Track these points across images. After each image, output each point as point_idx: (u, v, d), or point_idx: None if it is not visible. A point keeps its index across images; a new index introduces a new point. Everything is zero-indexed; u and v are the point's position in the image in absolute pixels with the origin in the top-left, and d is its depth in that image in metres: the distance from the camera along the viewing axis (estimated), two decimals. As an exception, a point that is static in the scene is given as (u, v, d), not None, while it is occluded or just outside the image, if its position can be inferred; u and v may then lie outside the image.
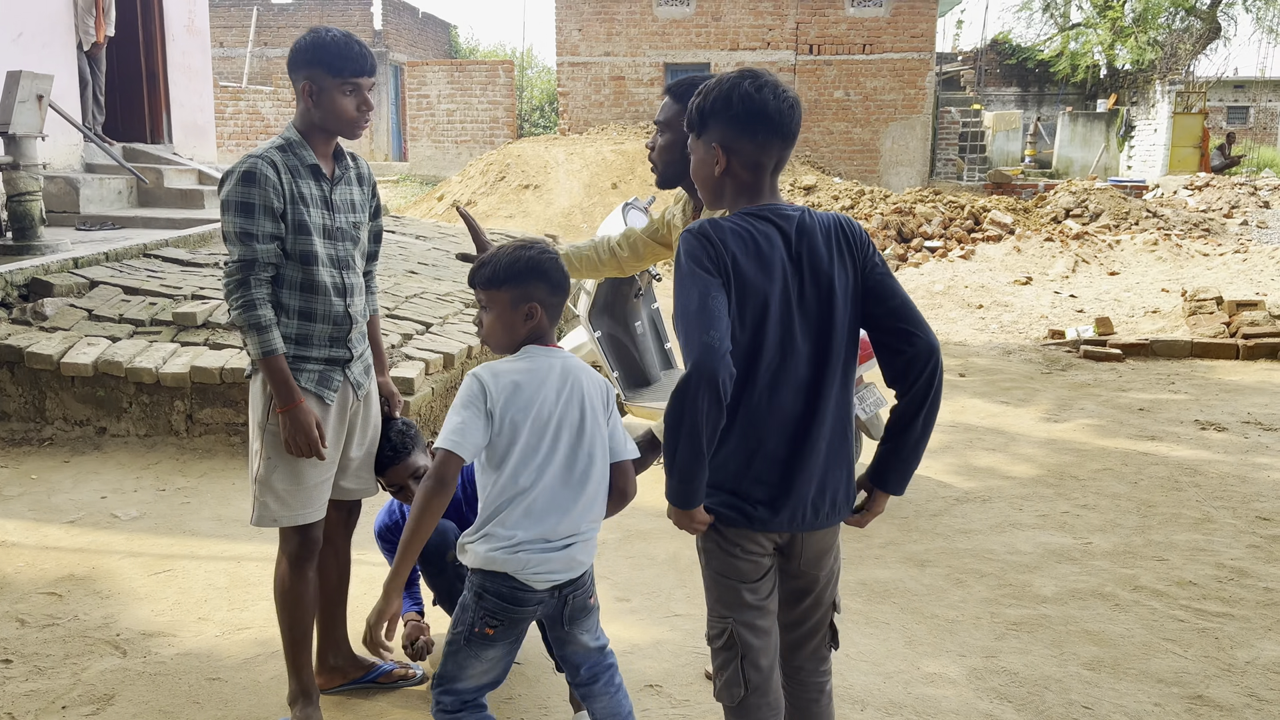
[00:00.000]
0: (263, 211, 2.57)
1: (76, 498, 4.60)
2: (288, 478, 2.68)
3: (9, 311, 5.63)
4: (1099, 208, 14.65)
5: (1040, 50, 27.34)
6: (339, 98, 2.62)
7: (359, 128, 2.71)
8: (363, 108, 2.67)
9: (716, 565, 2.13)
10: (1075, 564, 4.08)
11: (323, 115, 2.64)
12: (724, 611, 2.13)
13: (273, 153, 2.63)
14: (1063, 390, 7.05)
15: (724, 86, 2.03)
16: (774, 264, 1.98)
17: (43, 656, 3.19)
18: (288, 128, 2.72)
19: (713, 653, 2.17)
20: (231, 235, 2.59)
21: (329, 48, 2.59)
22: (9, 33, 8.31)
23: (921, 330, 2.04)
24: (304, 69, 2.62)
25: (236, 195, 2.57)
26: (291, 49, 2.67)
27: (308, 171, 2.67)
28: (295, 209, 2.63)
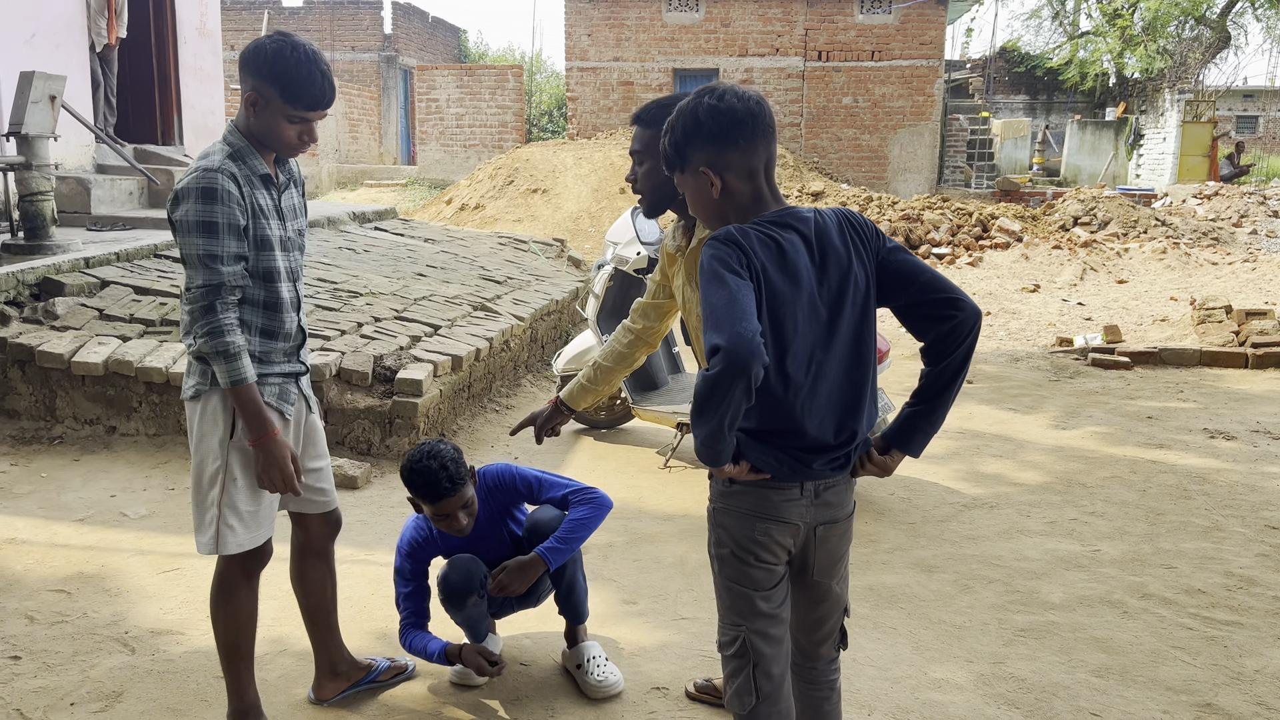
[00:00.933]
0: (228, 230, 2.38)
1: (86, 496, 4.62)
2: (250, 498, 2.56)
3: (20, 310, 5.66)
4: (1107, 216, 14.63)
5: (1049, 58, 27.28)
6: (283, 123, 2.45)
7: (295, 154, 2.55)
8: (304, 137, 2.50)
9: (730, 573, 2.13)
10: (1083, 571, 4.07)
11: (261, 132, 2.47)
12: (736, 619, 2.12)
13: (228, 164, 2.42)
14: (1071, 398, 7.03)
15: (687, 113, 2.02)
16: (800, 272, 1.97)
17: (51, 653, 3.20)
18: (230, 130, 2.51)
19: (723, 660, 2.16)
20: (193, 259, 2.38)
21: (290, 71, 2.39)
22: (22, 34, 8.36)
23: (962, 296, 2.05)
24: (254, 79, 2.42)
25: (196, 214, 2.36)
26: (250, 49, 2.44)
27: (259, 181, 2.50)
28: (257, 223, 2.47)
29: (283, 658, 3.22)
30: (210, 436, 2.51)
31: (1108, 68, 26.57)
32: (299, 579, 2.91)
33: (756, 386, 1.83)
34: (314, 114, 2.47)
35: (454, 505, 2.81)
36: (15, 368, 5.33)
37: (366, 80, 27.27)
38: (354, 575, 3.85)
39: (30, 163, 6.44)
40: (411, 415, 5.23)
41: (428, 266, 8.38)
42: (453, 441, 5.54)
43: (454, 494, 2.79)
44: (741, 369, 1.79)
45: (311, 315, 6.08)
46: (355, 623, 3.44)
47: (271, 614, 3.45)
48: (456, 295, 7.34)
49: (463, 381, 5.92)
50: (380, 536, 4.29)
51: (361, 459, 5.17)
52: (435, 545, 3.03)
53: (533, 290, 8.27)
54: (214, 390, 2.49)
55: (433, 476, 2.76)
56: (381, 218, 10.72)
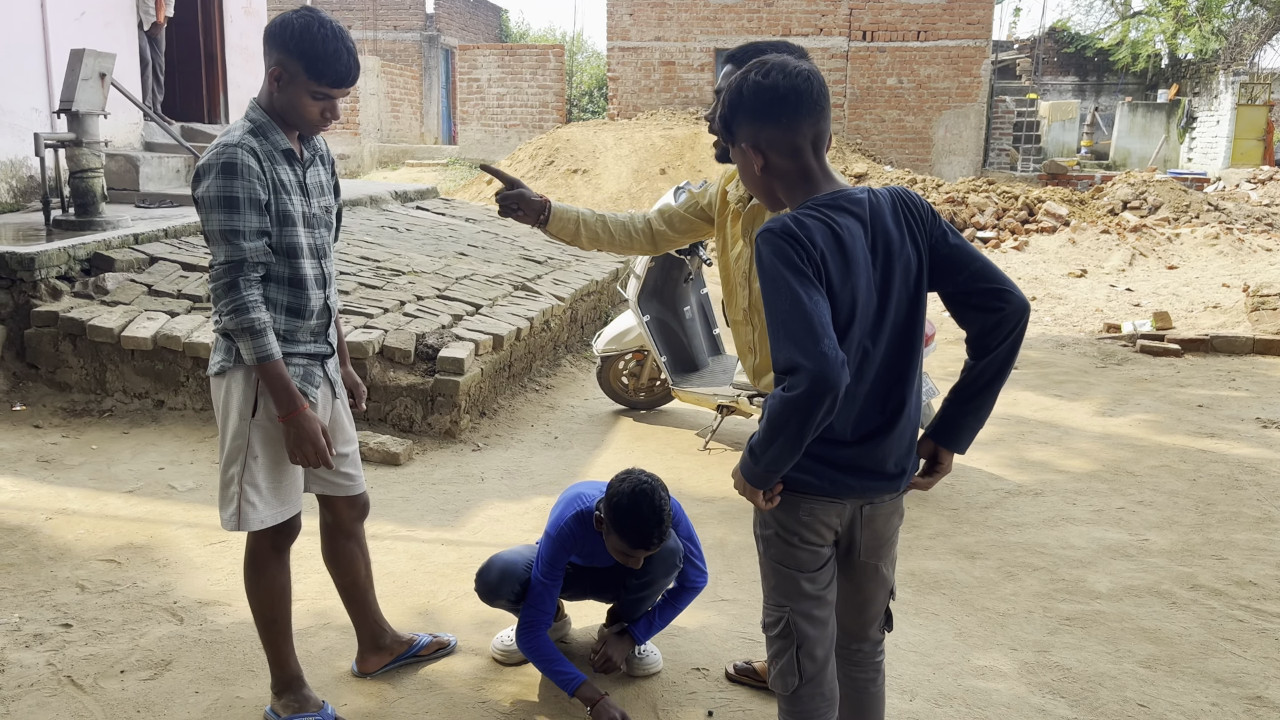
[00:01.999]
0: (248, 205, 2.38)
1: (135, 468, 4.70)
2: (272, 474, 2.56)
3: (72, 285, 5.75)
4: (1158, 200, 14.33)
5: (1100, 39, 26.73)
6: (306, 99, 2.43)
7: (316, 131, 2.53)
8: (327, 114, 2.47)
9: (775, 554, 2.11)
10: (1131, 560, 4.01)
11: (283, 107, 2.45)
12: (781, 600, 2.11)
13: (249, 139, 2.41)
14: (1118, 385, 6.91)
15: (734, 87, 1.98)
16: (858, 259, 1.92)
17: (102, 621, 3.27)
18: (252, 106, 2.50)
19: (768, 641, 2.15)
20: (215, 235, 2.38)
21: (316, 46, 2.37)
22: (72, 11, 8.47)
23: (1012, 287, 2.02)
24: (280, 52, 2.40)
25: (217, 190, 2.36)
26: (277, 23, 2.42)
27: (281, 156, 2.48)
28: (279, 199, 2.45)
29: (326, 631, 3.26)
30: (233, 412, 2.52)
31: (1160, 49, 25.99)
32: (331, 560, 2.93)
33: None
34: (337, 91, 2.45)
35: (647, 553, 2.74)
36: (67, 341, 5.43)
37: (408, 60, 27.35)
38: (396, 551, 3.88)
39: (81, 139, 6.53)
40: (453, 393, 5.26)
41: (469, 246, 8.41)
42: (492, 420, 5.59)
43: (654, 548, 2.72)
44: (828, 392, 1.77)
45: (355, 293, 6.12)
46: (397, 598, 3.47)
47: (315, 588, 3.49)
48: (497, 275, 7.35)
49: (503, 360, 5.93)
50: (422, 513, 4.32)
51: (404, 436, 5.21)
52: (578, 548, 2.93)
53: (573, 270, 8.27)
54: (238, 367, 2.50)
55: (646, 528, 2.65)
56: (423, 197, 10.77)
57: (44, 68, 8.20)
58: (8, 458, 4.69)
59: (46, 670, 2.96)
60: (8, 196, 8.00)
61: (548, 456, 5.20)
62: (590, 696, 2.76)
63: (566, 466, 5.03)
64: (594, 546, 2.91)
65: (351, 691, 2.92)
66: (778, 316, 1.83)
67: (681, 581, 3.06)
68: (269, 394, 2.47)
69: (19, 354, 5.51)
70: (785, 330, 1.82)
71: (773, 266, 1.86)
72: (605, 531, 2.76)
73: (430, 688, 2.95)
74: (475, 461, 5.04)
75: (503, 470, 4.93)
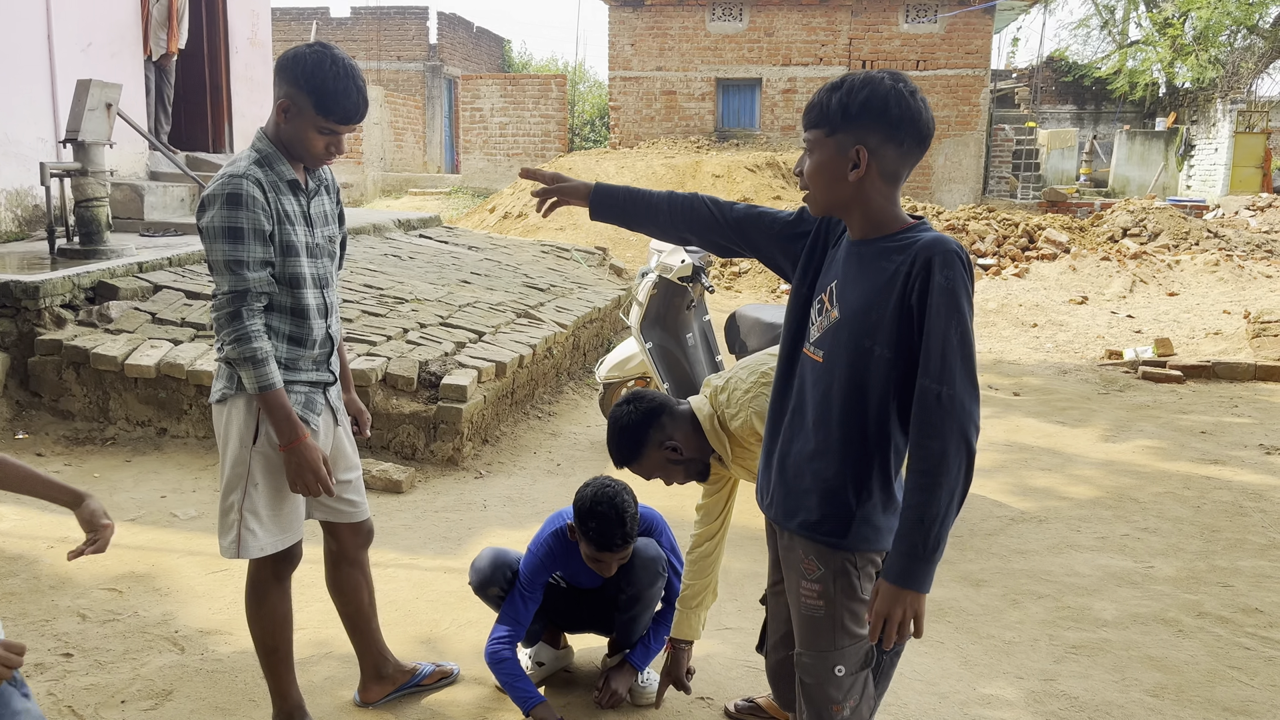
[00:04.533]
0: (253, 236, 2.39)
1: (137, 496, 4.69)
2: (272, 502, 2.56)
3: (76, 313, 5.77)
4: (1158, 227, 14.37)
5: (1097, 68, 26.91)
6: (312, 133, 2.44)
7: (320, 164, 2.55)
8: (332, 149, 2.49)
9: (856, 592, 2.08)
10: (1136, 588, 3.99)
11: (289, 138, 2.47)
12: (860, 630, 2.08)
13: (254, 169, 2.43)
14: (1121, 411, 6.91)
15: (877, 83, 1.91)
16: None
17: (103, 651, 3.25)
18: (259, 136, 2.52)
19: (848, 682, 2.08)
20: (219, 264, 2.40)
21: (326, 83, 2.39)
22: (79, 42, 8.55)
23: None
24: (289, 85, 2.42)
25: (222, 220, 2.38)
26: (289, 56, 2.43)
27: (287, 186, 2.50)
28: (283, 229, 2.47)
29: (328, 660, 3.24)
30: (233, 440, 2.53)
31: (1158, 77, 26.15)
32: (335, 587, 2.92)
33: None
34: (344, 128, 2.47)
35: (615, 556, 2.81)
36: (70, 369, 5.43)
37: (412, 89, 27.56)
38: (398, 580, 3.87)
39: (86, 169, 6.57)
40: (456, 420, 5.25)
41: (472, 273, 8.43)
42: (495, 447, 5.58)
43: (621, 550, 2.79)
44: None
45: (358, 320, 6.14)
46: (400, 627, 3.46)
47: (317, 617, 3.48)
48: (500, 302, 7.37)
49: (506, 388, 5.94)
50: (424, 541, 4.31)
51: (406, 463, 5.20)
52: (559, 565, 2.99)
53: (575, 298, 8.29)
54: (239, 394, 2.51)
55: (609, 528, 2.74)
56: (426, 225, 10.81)
57: (50, 98, 8.26)
58: (10, 486, 4.68)
59: (48, 700, 2.94)
60: (13, 225, 8.04)
61: (550, 484, 5.19)
62: (545, 718, 2.80)
63: (569, 493, 5.00)
64: (576, 565, 2.96)
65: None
66: (964, 350, 1.85)
67: (669, 597, 3.09)
68: (270, 422, 2.47)
69: (22, 382, 5.52)
70: (964, 366, 1.85)
71: (966, 297, 1.87)
72: (578, 539, 2.83)
73: (434, 717, 2.94)
74: (478, 489, 5.03)
75: (505, 498, 4.92)
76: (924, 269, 1.87)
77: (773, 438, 2.16)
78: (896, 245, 1.95)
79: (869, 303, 1.94)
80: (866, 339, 1.94)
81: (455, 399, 5.31)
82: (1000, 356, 8.93)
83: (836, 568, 2.04)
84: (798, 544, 2.09)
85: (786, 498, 2.09)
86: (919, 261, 1.88)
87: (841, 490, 2.01)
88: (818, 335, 2.05)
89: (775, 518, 2.14)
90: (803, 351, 2.10)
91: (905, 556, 1.86)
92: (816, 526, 2.04)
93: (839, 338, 1.99)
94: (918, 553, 1.84)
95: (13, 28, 7.91)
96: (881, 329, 1.93)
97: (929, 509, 1.83)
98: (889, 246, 1.96)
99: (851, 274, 2.00)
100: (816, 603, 2.06)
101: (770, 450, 2.16)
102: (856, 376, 1.97)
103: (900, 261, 1.92)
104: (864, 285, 1.96)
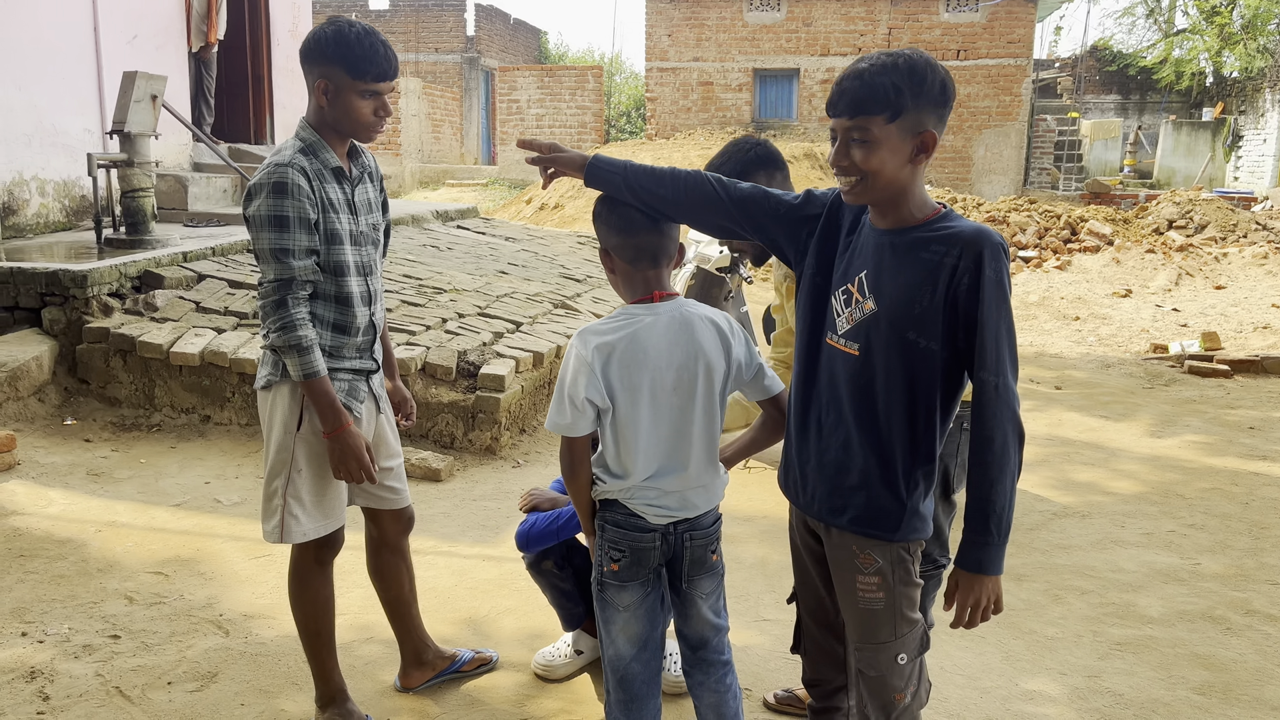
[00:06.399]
0: (298, 224, 2.41)
1: (182, 482, 4.76)
2: (315, 488, 2.59)
3: (122, 302, 5.86)
4: (1204, 219, 14.11)
5: (1143, 57, 26.44)
6: (356, 101, 2.45)
7: (374, 133, 2.54)
8: (380, 112, 2.49)
9: (912, 578, 2.08)
10: (1183, 585, 3.93)
11: (336, 117, 2.47)
12: (916, 615, 2.08)
13: (299, 158, 2.45)
14: (1166, 406, 6.80)
15: (924, 63, 1.86)
16: None
17: (149, 633, 3.30)
18: (302, 125, 2.53)
19: (909, 669, 2.07)
20: (265, 253, 2.42)
21: (351, 46, 2.40)
22: (124, 35, 8.67)
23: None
24: (320, 65, 2.44)
25: (268, 209, 2.40)
26: (309, 39, 2.45)
27: (331, 174, 2.51)
28: (327, 218, 2.48)
29: (369, 644, 3.27)
30: (278, 426, 2.56)
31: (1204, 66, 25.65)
32: (376, 573, 2.95)
33: None
34: (384, 85, 2.47)
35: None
36: (117, 357, 5.52)
37: (449, 81, 27.69)
38: (438, 567, 3.90)
39: (132, 160, 6.67)
40: (494, 410, 5.28)
41: (509, 264, 8.46)
42: (532, 437, 5.60)
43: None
44: None
45: (397, 310, 6.18)
46: (439, 613, 3.48)
47: (359, 602, 3.51)
48: (537, 293, 7.39)
49: (543, 377, 5.95)
50: (463, 529, 4.34)
51: (445, 452, 5.24)
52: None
53: (611, 288, 8.29)
54: (284, 381, 2.53)
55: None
56: (464, 216, 10.86)
57: (97, 90, 8.39)
58: (59, 471, 4.78)
59: (95, 681, 2.99)
60: (61, 215, 8.18)
61: (588, 474, 5.19)
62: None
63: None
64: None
65: (395, 706, 2.93)
66: (1010, 340, 1.88)
67: None
68: (314, 410, 2.49)
69: (71, 369, 5.62)
70: (1011, 354, 1.88)
71: (1008, 286, 1.90)
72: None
73: (473, 704, 2.95)
74: (516, 478, 5.05)
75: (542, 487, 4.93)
76: (974, 263, 1.85)
77: (802, 432, 2.11)
78: (934, 235, 1.91)
79: (910, 295, 1.90)
80: (910, 331, 1.91)
81: (493, 388, 5.34)
82: (1042, 350, 8.82)
83: (894, 558, 2.02)
84: (849, 540, 2.05)
85: (831, 495, 2.05)
86: (967, 254, 1.85)
87: (892, 484, 1.99)
88: (848, 327, 1.99)
89: (819, 515, 2.09)
90: (826, 342, 2.05)
91: (980, 546, 1.91)
92: (870, 522, 2.01)
93: (877, 330, 1.94)
94: (992, 540, 1.90)
95: (60, 21, 8.04)
96: (926, 321, 1.89)
97: (997, 497, 1.88)
98: (926, 236, 1.91)
99: (886, 264, 1.94)
100: (876, 595, 2.03)
101: (802, 446, 2.11)
102: (903, 370, 1.93)
103: (942, 253, 1.88)
104: (903, 277, 1.91)
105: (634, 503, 2.20)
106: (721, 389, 2.24)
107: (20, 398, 5.33)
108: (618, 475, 2.20)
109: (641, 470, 2.18)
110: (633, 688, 2.26)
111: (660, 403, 2.18)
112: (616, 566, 2.22)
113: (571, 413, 2.15)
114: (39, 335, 5.63)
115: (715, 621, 2.34)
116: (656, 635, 2.30)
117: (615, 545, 2.22)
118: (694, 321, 2.20)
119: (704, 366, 2.20)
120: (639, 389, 2.16)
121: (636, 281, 2.23)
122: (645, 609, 2.25)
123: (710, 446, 2.26)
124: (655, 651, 2.29)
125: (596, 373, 2.13)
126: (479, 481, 4.97)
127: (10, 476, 4.62)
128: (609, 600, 2.25)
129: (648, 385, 2.16)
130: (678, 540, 2.24)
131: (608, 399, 2.15)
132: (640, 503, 2.20)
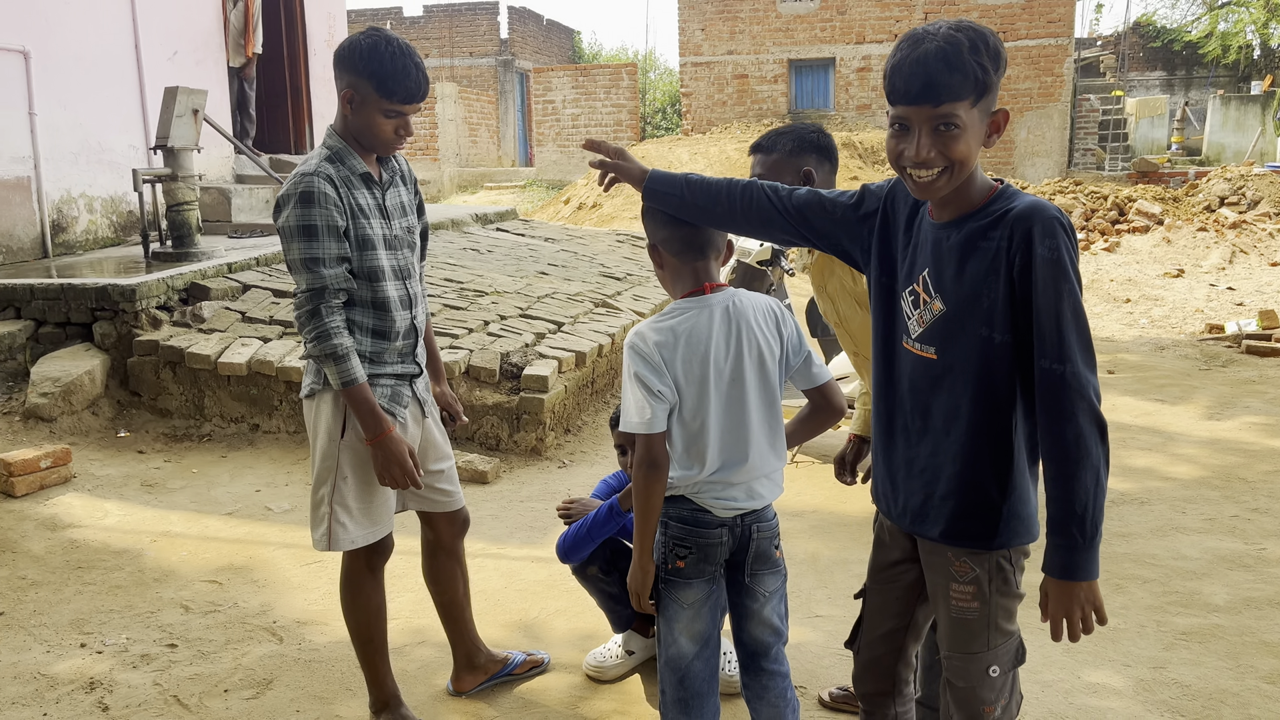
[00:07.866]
0: (327, 233, 2.42)
1: (233, 491, 4.82)
2: (361, 495, 2.59)
3: (170, 314, 5.95)
4: (1257, 195, 13.75)
5: (1187, 31, 25.89)
6: (379, 118, 2.45)
7: (391, 150, 2.55)
8: (401, 131, 2.49)
9: (1012, 589, 1.96)
10: (1249, 571, 3.81)
11: (358, 128, 2.48)
12: (1012, 626, 1.97)
13: (325, 166, 2.45)
14: (1224, 387, 6.62)
15: (980, 32, 1.75)
16: None
17: (205, 641, 3.34)
18: (329, 133, 2.54)
19: (1000, 682, 1.97)
20: (296, 264, 2.43)
21: (384, 64, 2.39)
22: (165, 51, 8.81)
23: None
24: (350, 74, 2.44)
25: (296, 219, 2.40)
26: (345, 45, 2.45)
27: (359, 180, 2.51)
28: (357, 224, 2.48)
29: (422, 648, 3.28)
30: (322, 435, 2.57)
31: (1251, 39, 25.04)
32: (431, 577, 2.95)
33: None
34: (409, 108, 2.47)
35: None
36: (167, 369, 5.60)
37: (484, 84, 27.83)
38: (487, 569, 3.90)
39: (176, 174, 6.77)
40: (538, 411, 5.28)
41: (549, 265, 8.47)
42: (577, 437, 5.59)
43: None
44: None
45: (440, 314, 6.21)
46: (490, 615, 3.48)
47: (410, 606, 3.52)
48: (578, 292, 7.39)
49: (586, 377, 5.94)
50: (511, 530, 4.34)
51: (491, 454, 5.25)
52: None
53: (652, 286, 8.26)
54: (326, 389, 2.54)
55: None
56: (502, 219, 10.90)
57: (140, 106, 8.53)
58: (114, 483, 4.85)
59: (154, 690, 3.03)
60: (109, 231, 8.33)
61: (634, 472, 5.17)
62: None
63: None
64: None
65: (448, 710, 2.93)
66: (1078, 322, 1.74)
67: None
68: (355, 417, 2.50)
69: (123, 382, 5.71)
70: (1080, 339, 1.74)
71: (1068, 263, 1.74)
72: None
73: (526, 706, 2.95)
74: (561, 478, 5.05)
75: (588, 487, 4.92)
76: (1024, 241, 1.73)
77: (887, 440, 2.01)
78: (990, 220, 1.80)
79: (977, 289, 1.79)
80: (984, 328, 1.80)
81: (537, 389, 5.33)
82: (1093, 333, 8.63)
83: (991, 566, 1.91)
84: (945, 548, 1.95)
85: (924, 505, 1.95)
86: (1018, 233, 1.74)
87: (985, 490, 1.87)
88: (921, 330, 1.88)
89: (912, 527, 1.99)
90: (903, 347, 1.94)
91: (1065, 550, 1.75)
92: (965, 531, 1.90)
93: (951, 331, 1.84)
94: (1078, 543, 1.73)
95: (102, 40, 8.19)
96: (997, 314, 1.79)
97: (1078, 496, 1.73)
98: (983, 225, 1.81)
99: (948, 260, 1.84)
100: (971, 604, 1.93)
101: (889, 455, 2.01)
102: (982, 369, 1.83)
103: (998, 238, 1.77)
104: (968, 271, 1.81)
105: (702, 496, 2.19)
106: (778, 373, 2.24)
107: (75, 411, 5.43)
108: (686, 470, 2.18)
109: (712, 462, 2.17)
110: (694, 685, 2.24)
111: (721, 394, 2.18)
112: (683, 564, 2.20)
113: (652, 406, 2.11)
114: (91, 350, 5.74)
115: (777, 625, 2.31)
116: (717, 633, 2.28)
117: (681, 542, 2.20)
118: (746, 311, 2.20)
119: (759, 354, 2.20)
120: (703, 380, 2.15)
121: (685, 274, 2.23)
122: (709, 606, 2.24)
123: (772, 433, 2.25)
124: (715, 649, 2.28)
125: (663, 368, 2.13)
126: (525, 483, 4.97)
127: (67, 489, 4.71)
128: (673, 598, 2.23)
129: (710, 377, 2.16)
130: (744, 532, 2.23)
131: (675, 393, 2.15)
132: (708, 496, 2.19)
